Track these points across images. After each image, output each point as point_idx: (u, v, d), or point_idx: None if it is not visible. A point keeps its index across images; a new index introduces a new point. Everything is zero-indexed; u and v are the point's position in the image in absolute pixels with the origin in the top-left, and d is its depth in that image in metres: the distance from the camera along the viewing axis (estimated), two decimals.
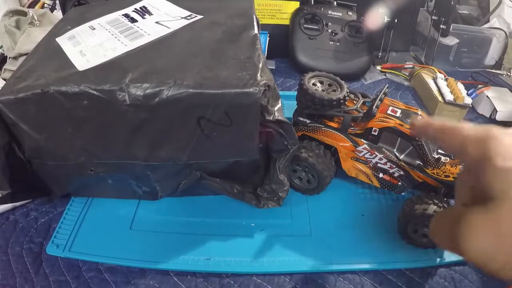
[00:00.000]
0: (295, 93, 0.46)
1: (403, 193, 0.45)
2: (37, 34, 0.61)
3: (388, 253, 0.41)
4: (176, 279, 0.39)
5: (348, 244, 0.42)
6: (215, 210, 0.45)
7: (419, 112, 0.43)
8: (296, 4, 0.76)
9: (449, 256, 0.41)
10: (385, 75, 0.77)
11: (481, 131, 0.25)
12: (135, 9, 0.49)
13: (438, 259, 0.40)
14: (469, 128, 0.27)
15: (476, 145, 0.25)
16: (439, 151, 0.43)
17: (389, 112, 0.43)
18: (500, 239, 0.22)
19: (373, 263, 0.40)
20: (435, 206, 0.39)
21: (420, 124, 0.37)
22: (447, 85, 0.65)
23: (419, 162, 0.42)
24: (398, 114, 0.42)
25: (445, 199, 0.41)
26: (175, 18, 0.46)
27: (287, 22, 0.76)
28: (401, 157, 0.42)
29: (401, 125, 0.41)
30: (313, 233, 0.43)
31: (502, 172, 0.22)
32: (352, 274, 0.40)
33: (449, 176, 0.41)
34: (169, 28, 0.44)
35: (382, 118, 0.42)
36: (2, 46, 0.66)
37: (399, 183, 0.44)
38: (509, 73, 0.75)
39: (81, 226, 0.43)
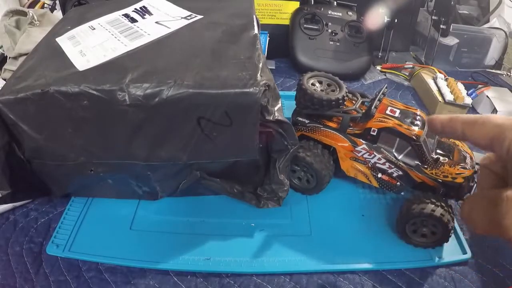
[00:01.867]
0: (295, 93, 0.46)
1: (402, 193, 0.45)
2: (37, 34, 0.61)
3: (388, 253, 0.41)
4: (176, 279, 0.39)
5: (348, 244, 0.42)
6: (215, 210, 0.45)
7: (418, 112, 0.43)
8: (296, 4, 0.76)
9: (449, 256, 0.41)
10: (385, 75, 0.77)
11: None
12: (135, 9, 0.49)
13: (438, 259, 0.40)
14: (500, 117, 0.29)
15: None
16: (438, 151, 0.43)
17: (387, 112, 0.43)
18: None
19: (373, 263, 0.40)
20: (433, 205, 0.39)
21: (445, 120, 0.36)
22: (447, 85, 0.65)
23: (417, 162, 0.42)
24: (396, 114, 0.42)
25: (444, 198, 0.41)
26: (175, 18, 0.46)
27: (287, 22, 0.76)
28: (400, 157, 0.42)
29: (400, 125, 0.41)
30: (313, 233, 0.43)
31: None
32: (352, 274, 0.40)
33: (447, 177, 0.41)
34: (169, 28, 0.44)
35: (380, 118, 0.42)
36: (2, 46, 0.66)
37: (398, 183, 0.44)
38: (509, 73, 0.75)
39: (81, 226, 0.43)
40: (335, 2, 0.76)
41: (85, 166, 0.40)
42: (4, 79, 0.61)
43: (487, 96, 0.65)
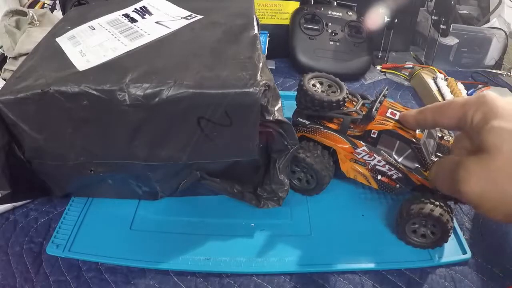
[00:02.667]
0: (295, 93, 0.46)
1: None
2: (37, 34, 0.61)
3: (388, 253, 0.41)
4: (176, 279, 0.39)
5: (348, 244, 0.42)
6: (215, 210, 0.45)
7: None
8: (296, 4, 0.76)
9: (449, 256, 0.41)
10: (385, 75, 0.77)
11: (478, 97, 0.30)
12: (135, 9, 0.49)
13: (438, 259, 0.40)
14: (463, 98, 0.32)
15: (475, 108, 0.29)
16: (438, 154, 0.43)
17: (388, 114, 0.43)
18: (490, 184, 0.26)
19: (373, 263, 0.40)
20: (432, 205, 0.39)
21: (416, 113, 0.39)
22: (447, 85, 0.65)
23: (417, 165, 0.42)
24: (397, 117, 0.42)
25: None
26: (175, 18, 0.46)
27: (287, 22, 0.76)
28: (400, 159, 0.42)
29: (400, 128, 0.41)
30: (313, 233, 0.43)
31: (496, 130, 0.27)
32: (352, 274, 0.40)
33: None
34: (169, 28, 0.44)
35: (381, 121, 0.42)
36: (2, 46, 0.66)
37: (397, 185, 0.44)
38: (509, 73, 0.75)
39: (81, 226, 0.43)
40: (335, 2, 0.76)
41: (85, 166, 0.40)
42: (4, 79, 0.61)
43: None
